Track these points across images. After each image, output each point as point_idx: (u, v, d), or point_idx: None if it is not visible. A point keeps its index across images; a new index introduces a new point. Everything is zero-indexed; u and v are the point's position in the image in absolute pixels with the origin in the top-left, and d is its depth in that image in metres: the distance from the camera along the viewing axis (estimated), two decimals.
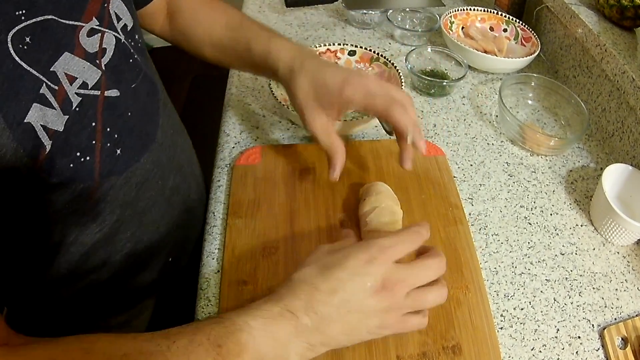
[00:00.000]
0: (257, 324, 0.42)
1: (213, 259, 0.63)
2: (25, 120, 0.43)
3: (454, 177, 0.75)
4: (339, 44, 0.90)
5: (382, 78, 0.87)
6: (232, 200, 0.68)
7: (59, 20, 0.47)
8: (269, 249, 0.62)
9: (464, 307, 0.57)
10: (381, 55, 0.87)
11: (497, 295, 0.62)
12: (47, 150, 0.46)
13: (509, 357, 0.56)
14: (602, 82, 0.84)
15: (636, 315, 0.60)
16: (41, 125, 0.45)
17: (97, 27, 0.51)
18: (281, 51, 0.64)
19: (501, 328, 0.58)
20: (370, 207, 0.62)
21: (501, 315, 0.59)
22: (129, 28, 0.57)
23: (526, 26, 1.01)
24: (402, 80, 0.82)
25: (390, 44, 1.05)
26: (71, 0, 0.48)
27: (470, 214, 0.70)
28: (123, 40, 0.56)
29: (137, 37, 0.60)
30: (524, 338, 0.58)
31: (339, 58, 0.90)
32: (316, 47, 0.89)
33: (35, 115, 0.44)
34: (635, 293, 0.63)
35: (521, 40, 1.01)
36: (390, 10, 1.05)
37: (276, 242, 0.63)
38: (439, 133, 0.83)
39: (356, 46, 0.89)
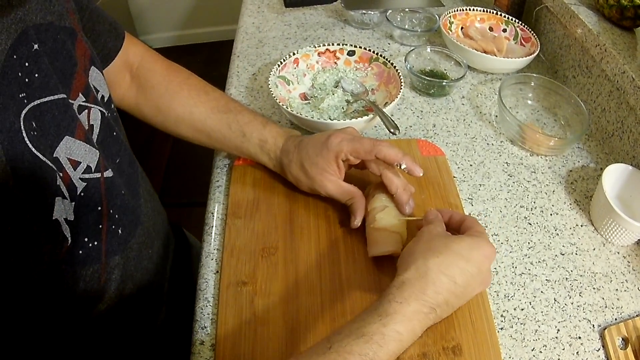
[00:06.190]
0: (404, 328, 0.44)
1: (212, 259, 0.63)
2: (53, 218, 0.41)
3: (454, 177, 0.75)
4: (338, 44, 0.90)
5: (381, 78, 0.87)
6: (231, 200, 0.68)
7: (55, 98, 0.44)
8: (268, 249, 0.62)
9: (464, 307, 0.57)
10: (380, 55, 0.87)
11: (498, 295, 0.61)
12: (69, 243, 0.44)
13: (510, 357, 0.55)
14: (601, 82, 0.84)
15: (637, 316, 0.60)
16: (64, 219, 0.43)
17: (83, 104, 0.50)
18: (276, 138, 0.67)
19: (501, 328, 0.58)
20: (380, 204, 0.62)
21: (501, 316, 0.59)
22: (106, 99, 0.56)
23: (525, 26, 1.01)
24: (402, 80, 0.81)
25: (389, 44, 1.05)
26: (58, 78, 0.46)
27: (470, 214, 0.70)
28: (107, 114, 0.54)
29: (113, 106, 0.58)
30: (524, 338, 0.57)
31: (338, 58, 0.90)
32: (315, 47, 0.89)
33: (59, 211, 0.42)
34: (635, 293, 0.63)
35: (520, 41, 1.01)
36: (390, 11, 1.05)
37: (275, 242, 0.63)
38: (439, 133, 0.83)
39: (355, 46, 0.89)
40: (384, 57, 0.87)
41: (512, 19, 1.02)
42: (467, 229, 0.55)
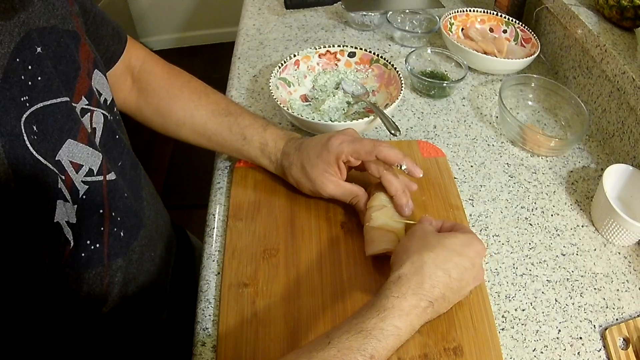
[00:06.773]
0: (403, 322, 0.45)
1: (213, 261, 0.63)
2: (54, 221, 0.41)
3: (455, 178, 0.75)
4: (339, 46, 0.90)
5: (382, 79, 0.87)
6: (233, 202, 0.68)
7: (56, 101, 0.44)
8: (269, 251, 0.62)
9: (465, 308, 0.57)
10: (381, 57, 0.87)
11: (499, 296, 0.61)
12: (71, 245, 0.44)
13: (511, 358, 0.56)
14: (602, 82, 0.84)
15: (638, 316, 0.60)
16: (65, 221, 0.43)
17: (86, 107, 0.50)
18: (277, 141, 0.67)
19: (502, 329, 0.58)
20: (379, 203, 0.62)
21: (502, 317, 0.59)
22: (108, 102, 0.56)
23: (526, 27, 1.01)
24: (402, 82, 0.82)
25: (390, 45, 1.05)
26: (61, 81, 0.46)
27: (470, 215, 0.70)
28: (110, 117, 0.54)
29: (115, 109, 0.58)
30: (525, 339, 0.57)
31: (338, 60, 0.90)
32: (316, 49, 0.89)
33: (61, 214, 0.42)
34: (636, 293, 0.63)
35: (521, 41, 1.01)
36: (390, 12, 1.06)
37: (276, 244, 0.63)
38: (439, 134, 0.83)
39: (356, 48, 0.90)
40: (384, 59, 0.87)
41: (512, 20, 1.03)
42: (457, 230, 0.56)
